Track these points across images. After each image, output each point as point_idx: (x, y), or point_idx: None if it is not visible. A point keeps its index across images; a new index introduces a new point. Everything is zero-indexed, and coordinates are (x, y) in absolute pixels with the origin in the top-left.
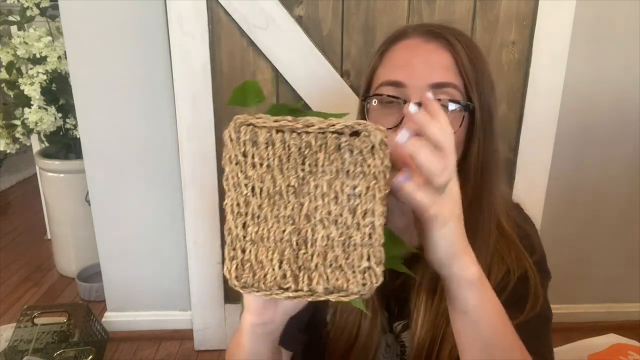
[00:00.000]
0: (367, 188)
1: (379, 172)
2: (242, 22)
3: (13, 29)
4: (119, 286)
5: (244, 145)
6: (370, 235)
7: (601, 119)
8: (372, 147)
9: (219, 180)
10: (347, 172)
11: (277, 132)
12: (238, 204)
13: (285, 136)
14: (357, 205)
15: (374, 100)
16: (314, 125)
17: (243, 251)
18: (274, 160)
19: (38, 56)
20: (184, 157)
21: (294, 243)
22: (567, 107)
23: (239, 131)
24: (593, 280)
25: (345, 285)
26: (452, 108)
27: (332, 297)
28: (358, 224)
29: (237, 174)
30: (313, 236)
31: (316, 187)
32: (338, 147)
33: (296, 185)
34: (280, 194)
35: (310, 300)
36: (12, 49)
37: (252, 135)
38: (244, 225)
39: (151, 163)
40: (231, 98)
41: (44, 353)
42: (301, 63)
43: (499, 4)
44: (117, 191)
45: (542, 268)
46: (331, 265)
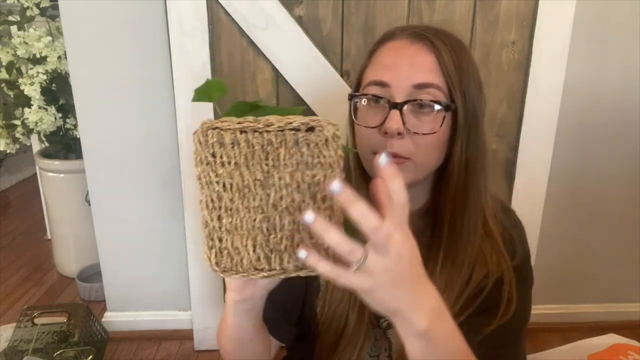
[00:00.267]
0: (325, 176)
1: (334, 162)
2: (242, 22)
3: (13, 29)
4: (119, 286)
5: (212, 147)
6: (330, 216)
7: (601, 119)
8: (326, 140)
9: None
10: (306, 164)
11: (241, 133)
12: (212, 200)
13: (248, 136)
14: (317, 191)
15: (363, 99)
16: (274, 124)
17: (220, 240)
18: (241, 158)
19: (38, 56)
20: (184, 157)
21: (265, 229)
22: (567, 107)
23: (207, 135)
24: (593, 280)
25: None
26: (437, 108)
27: (302, 273)
28: (319, 208)
29: (209, 173)
30: (281, 222)
31: (280, 179)
32: (296, 142)
33: (262, 178)
34: (248, 188)
35: (282, 277)
36: (12, 49)
37: (219, 137)
38: (219, 217)
39: (151, 163)
40: (195, 96)
41: (44, 353)
42: (301, 63)
43: (499, 4)
44: (117, 191)
45: (522, 274)
46: (299, 245)
